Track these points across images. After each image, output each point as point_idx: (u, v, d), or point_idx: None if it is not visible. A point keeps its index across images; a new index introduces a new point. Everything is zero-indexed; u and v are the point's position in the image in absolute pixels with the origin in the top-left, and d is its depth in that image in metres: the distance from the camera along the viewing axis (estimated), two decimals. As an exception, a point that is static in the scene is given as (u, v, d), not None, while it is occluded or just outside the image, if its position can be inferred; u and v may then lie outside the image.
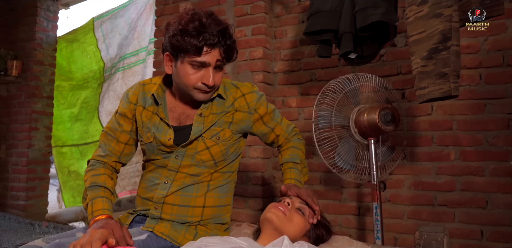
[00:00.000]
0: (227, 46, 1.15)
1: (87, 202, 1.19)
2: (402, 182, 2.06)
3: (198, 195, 1.24)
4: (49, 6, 3.68)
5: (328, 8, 1.70)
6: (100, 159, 1.30)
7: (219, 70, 1.19)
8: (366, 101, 1.77)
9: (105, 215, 1.13)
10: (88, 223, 1.16)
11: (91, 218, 1.14)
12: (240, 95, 1.29)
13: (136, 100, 1.30)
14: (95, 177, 1.24)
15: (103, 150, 1.32)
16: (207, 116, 1.25)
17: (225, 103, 1.27)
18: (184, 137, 1.23)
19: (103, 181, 1.24)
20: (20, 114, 3.52)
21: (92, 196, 1.19)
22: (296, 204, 1.16)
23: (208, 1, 2.62)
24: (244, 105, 1.29)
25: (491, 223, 1.83)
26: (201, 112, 1.25)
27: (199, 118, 1.24)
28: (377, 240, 1.64)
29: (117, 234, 1.03)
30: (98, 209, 1.15)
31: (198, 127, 1.23)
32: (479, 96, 1.92)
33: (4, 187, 3.50)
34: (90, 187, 1.22)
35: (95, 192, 1.20)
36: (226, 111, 1.27)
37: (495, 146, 1.86)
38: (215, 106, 1.26)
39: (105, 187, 1.23)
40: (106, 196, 1.20)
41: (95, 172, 1.26)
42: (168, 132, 1.24)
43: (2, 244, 2.22)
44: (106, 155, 1.30)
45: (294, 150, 1.38)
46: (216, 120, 1.25)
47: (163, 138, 1.23)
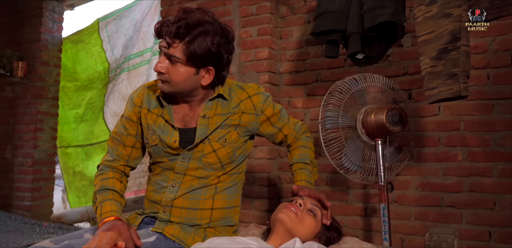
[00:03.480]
0: (174, 34, 1.10)
1: (97, 205, 1.19)
2: (409, 183, 2.05)
3: (206, 197, 1.23)
4: (55, 7, 3.69)
5: (336, 9, 1.70)
6: (108, 164, 1.30)
7: (173, 62, 1.13)
8: (373, 101, 1.76)
9: (113, 217, 1.13)
10: (95, 224, 1.16)
11: (99, 220, 1.13)
12: (246, 96, 1.28)
13: (141, 102, 1.30)
14: (104, 181, 1.25)
15: (110, 155, 1.31)
16: (212, 117, 1.23)
17: (230, 104, 1.26)
18: (189, 139, 1.23)
19: (112, 184, 1.24)
20: (26, 115, 3.53)
21: (101, 199, 1.19)
22: (308, 205, 1.15)
23: (213, 2, 2.62)
24: (251, 107, 1.27)
25: (499, 224, 1.82)
26: (204, 114, 1.23)
27: (203, 120, 1.23)
28: (385, 241, 1.63)
29: (124, 235, 1.03)
30: (106, 211, 1.15)
31: (202, 129, 1.22)
32: (486, 97, 1.90)
33: (10, 188, 3.51)
34: (99, 190, 1.22)
35: (103, 195, 1.20)
36: (232, 113, 1.25)
37: (503, 146, 1.85)
38: (219, 107, 1.25)
39: (114, 190, 1.23)
40: (115, 199, 1.20)
41: (104, 176, 1.26)
42: (174, 134, 1.23)
43: (9, 244, 2.22)
44: (114, 159, 1.30)
45: (303, 149, 1.37)
46: (222, 122, 1.23)
47: (169, 140, 1.22)
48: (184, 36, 1.10)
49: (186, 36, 1.10)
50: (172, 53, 1.12)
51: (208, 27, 1.12)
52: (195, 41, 1.10)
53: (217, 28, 1.14)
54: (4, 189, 3.51)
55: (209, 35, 1.11)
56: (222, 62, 1.17)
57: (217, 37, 1.12)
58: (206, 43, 1.11)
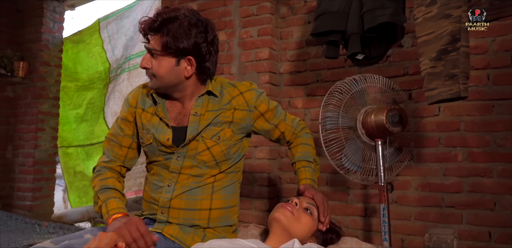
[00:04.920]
0: (150, 28, 1.17)
1: (100, 204, 1.19)
2: (409, 183, 2.05)
3: (204, 197, 1.23)
4: (55, 7, 3.69)
5: (336, 9, 1.70)
6: (105, 165, 1.31)
7: (154, 56, 1.19)
8: (373, 102, 1.76)
9: (122, 213, 1.14)
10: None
11: (107, 217, 1.14)
12: (237, 93, 1.29)
13: (136, 103, 1.32)
14: (103, 181, 1.25)
15: (107, 156, 1.32)
16: (203, 114, 1.24)
17: (221, 101, 1.27)
18: (182, 137, 1.23)
19: (112, 183, 1.25)
20: (27, 115, 3.54)
21: (104, 198, 1.20)
22: (304, 204, 1.16)
23: (214, 2, 2.62)
24: (243, 103, 1.28)
25: (499, 225, 1.82)
26: (195, 111, 1.24)
27: (194, 118, 1.24)
28: (385, 242, 1.63)
29: (142, 229, 1.06)
30: (113, 208, 1.16)
31: (194, 126, 1.23)
32: (487, 97, 1.90)
33: (10, 188, 3.51)
34: (100, 190, 1.23)
35: (106, 194, 1.21)
36: (223, 109, 1.26)
37: (503, 147, 1.85)
38: (210, 104, 1.26)
39: (115, 189, 1.24)
40: (118, 197, 1.21)
41: (102, 177, 1.27)
42: (167, 132, 1.24)
43: (10, 244, 2.23)
44: (110, 160, 1.31)
45: (304, 147, 1.38)
46: (213, 118, 1.24)
47: (162, 138, 1.23)
48: (159, 28, 1.16)
49: (161, 28, 1.16)
50: (152, 46, 1.18)
51: (183, 19, 1.17)
52: (170, 32, 1.15)
53: (192, 19, 1.18)
54: (5, 188, 3.51)
55: (183, 26, 1.16)
56: (201, 51, 1.19)
57: (192, 26, 1.17)
58: (181, 32, 1.16)
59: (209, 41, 1.21)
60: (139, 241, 1.05)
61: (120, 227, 1.05)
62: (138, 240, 1.05)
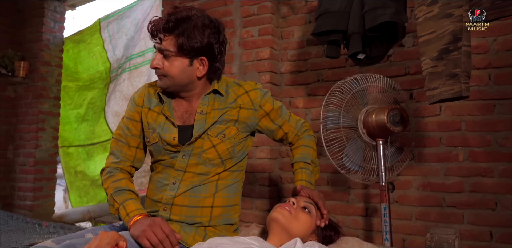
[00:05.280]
0: (164, 29, 1.16)
1: (117, 206, 1.19)
2: (410, 183, 2.05)
3: (207, 195, 1.24)
4: (56, 7, 3.69)
5: (337, 9, 1.70)
6: (115, 166, 1.31)
7: (167, 56, 1.19)
8: (374, 101, 1.76)
9: (142, 215, 1.14)
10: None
11: (128, 219, 1.14)
12: (243, 92, 1.30)
13: (142, 102, 1.32)
14: (116, 183, 1.25)
15: (116, 157, 1.32)
16: (209, 112, 1.25)
17: (227, 99, 1.28)
18: (188, 136, 1.24)
19: (126, 185, 1.25)
20: (27, 114, 3.54)
21: (121, 200, 1.19)
22: (301, 203, 1.16)
23: (214, 2, 2.62)
24: (248, 102, 1.29)
25: (500, 225, 1.82)
26: (201, 110, 1.25)
27: (200, 116, 1.24)
28: (386, 242, 1.63)
29: (166, 229, 1.07)
30: (132, 209, 1.16)
31: (200, 124, 1.24)
32: (488, 97, 1.90)
33: (11, 187, 3.52)
34: (115, 192, 1.22)
35: (122, 196, 1.21)
36: (229, 107, 1.27)
37: (504, 147, 1.85)
38: (216, 103, 1.27)
39: (130, 190, 1.24)
40: (134, 198, 1.21)
41: (115, 178, 1.27)
42: (173, 131, 1.24)
43: (11, 244, 2.23)
44: (120, 161, 1.31)
45: (305, 148, 1.38)
46: (219, 116, 1.25)
47: (168, 138, 1.23)
48: (173, 29, 1.15)
49: (175, 29, 1.15)
50: (165, 47, 1.17)
51: (196, 19, 1.17)
52: (184, 33, 1.15)
53: (205, 20, 1.18)
54: (6, 188, 3.51)
55: (197, 26, 1.16)
56: (214, 51, 1.21)
57: (205, 27, 1.17)
58: (195, 33, 1.16)
59: (221, 42, 1.22)
60: (165, 242, 1.05)
61: (145, 230, 1.06)
62: (164, 241, 1.05)
